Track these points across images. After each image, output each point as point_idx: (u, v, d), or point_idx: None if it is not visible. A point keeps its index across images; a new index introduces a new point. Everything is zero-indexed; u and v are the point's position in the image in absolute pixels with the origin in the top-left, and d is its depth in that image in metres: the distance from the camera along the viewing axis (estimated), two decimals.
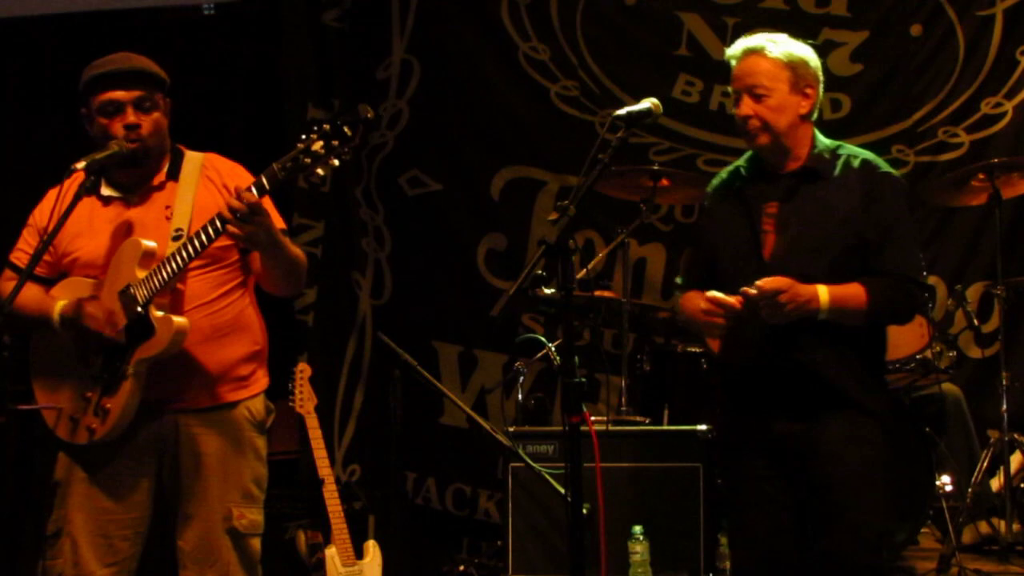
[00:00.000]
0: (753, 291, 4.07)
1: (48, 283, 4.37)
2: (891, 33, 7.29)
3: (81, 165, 4.09)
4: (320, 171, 3.94)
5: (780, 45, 4.34)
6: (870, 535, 4.20)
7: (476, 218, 7.80)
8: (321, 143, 3.91)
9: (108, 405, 4.17)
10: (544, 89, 7.71)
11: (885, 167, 4.36)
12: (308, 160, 3.92)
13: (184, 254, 4.09)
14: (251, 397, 4.45)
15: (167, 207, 4.30)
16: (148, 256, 4.18)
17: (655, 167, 6.48)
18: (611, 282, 7.13)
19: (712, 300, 4.16)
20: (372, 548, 5.87)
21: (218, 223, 4.03)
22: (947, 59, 7.23)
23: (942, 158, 7.21)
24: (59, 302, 4.25)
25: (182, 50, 7.47)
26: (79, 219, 4.27)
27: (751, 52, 4.34)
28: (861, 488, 4.18)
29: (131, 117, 4.23)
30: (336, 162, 3.94)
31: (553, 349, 5.88)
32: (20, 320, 4.26)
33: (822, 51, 4.53)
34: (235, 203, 3.95)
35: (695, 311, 4.35)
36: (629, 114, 4.01)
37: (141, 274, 4.14)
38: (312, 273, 7.50)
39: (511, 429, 5.85)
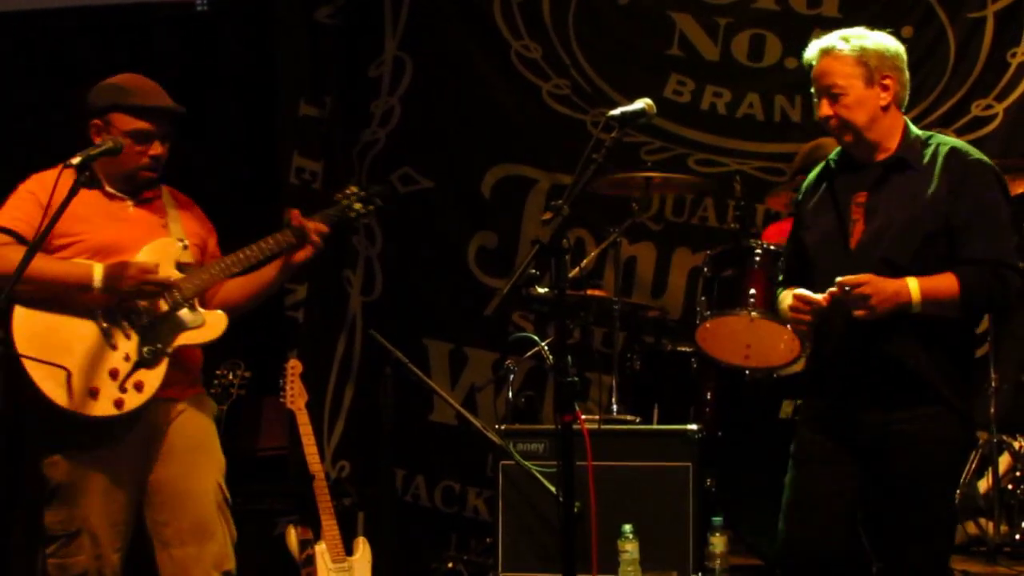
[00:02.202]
0: (835, 289, 4.05)
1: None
2: None
3: (76, 161, 4.18)
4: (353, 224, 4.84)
5: (853, 40, 4.32)
6: (941, 544, 4.24)
7: (467, 216, 7.81)
8: (360, 204, 4.88)
9: (143, 381, 4.38)
10: (536, 87, 7.72)
11: (976, 154, 4.29)
12: (352, 215, 4.87)
13: (241, 263, 4.60)
14: (206, 393, 4.84)
15: (163, 218, 4.65)
16: (181, 258, 4.57)
17: (647, 166, 6.49)
18: (601, 281, 7.13)
19: (799, 298, 4.16)
20: (362, 544, 5.87)
21: (274, 244, 4.65)
22: (938, 61, 7.23)
23: None
24: (99, 264, 4.40)
25: (175, 45, 7.46)
26: (84, 204, 4.44)
27: (824, 53, 4.33)
28: (940, 496, 4.20)
29: (159, 150, 4.59)
30: (367, 220, 4.83)
31: (545, 348, 5.89)
32: (39, 286, 4.31)
33: None
34: (324, 228, 4.70)
35: (784, 309, 4.37)
36: (623, 114, 4.02)
37: (175, 271, 4.50)
38: (302, 270, 7.54)
39: (502, 427, 5.87)
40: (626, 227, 6.45)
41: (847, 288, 4.04)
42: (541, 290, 6.02)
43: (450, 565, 6.76)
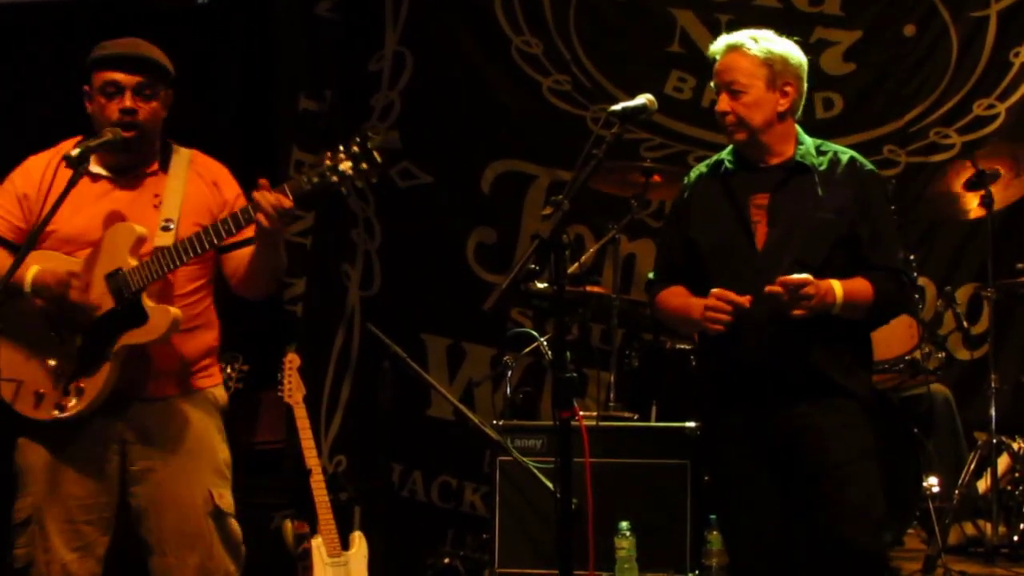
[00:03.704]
0: (778, 289, 4.06)
1: (15, 250, 4.28)
2: (884, 33, 7.30)
3: (75, 152, 4.10)
4: (343, 190, 3.96)
5: (761, 42, 4.37)
6: (870, 520, 4.25)
7: (466, 211, 7.79)
8: (349, 164, 3.98)
9: (84, 385, 4.19)
10: (536, 83, 7.71)
11: (869, 165, 4.42)
12: (335, 179, 3.99)
13: (188, 247, 4.15)
14: (214, 386, 4.52)
15: (156, 196, 4.34)
16: (140, 242, 4.21)
17: (647, 163, 6.48)
18: (600, 277, 7.13)
19: (721, 297, 4.15)
20: (358, 539, 5.87)
21: (231, 224, 4.12)
22: (940, 60, 7.24)
23: (933, 159, 7.22)
24: (32, 267, 4.20)
25: (174, 39, 7.43)
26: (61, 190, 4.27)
27: (731, 49, 4.39)
28: (858, 474, 4.22)
29: (128, 102, 4.26)
30: (361, 184, 3.96)
31: (544, 343, 5.88)
32: None
33: (815, 50, 4.60)
34: (285, 202, 4.03)
35: (685, 307, 4.37)
36: (624, 110, 4.01)
37: (132, 260, 4.17)
38: (301, 263, 7.52)
39: (499, 423, 5.86)
40: (625, 224, 6.45)
41: (793, 287, 4.05)
42: (540, 285, 6.02)
43: (446, 560, 6.74)
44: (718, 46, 4.43)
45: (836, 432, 4.21)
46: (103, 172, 4.36)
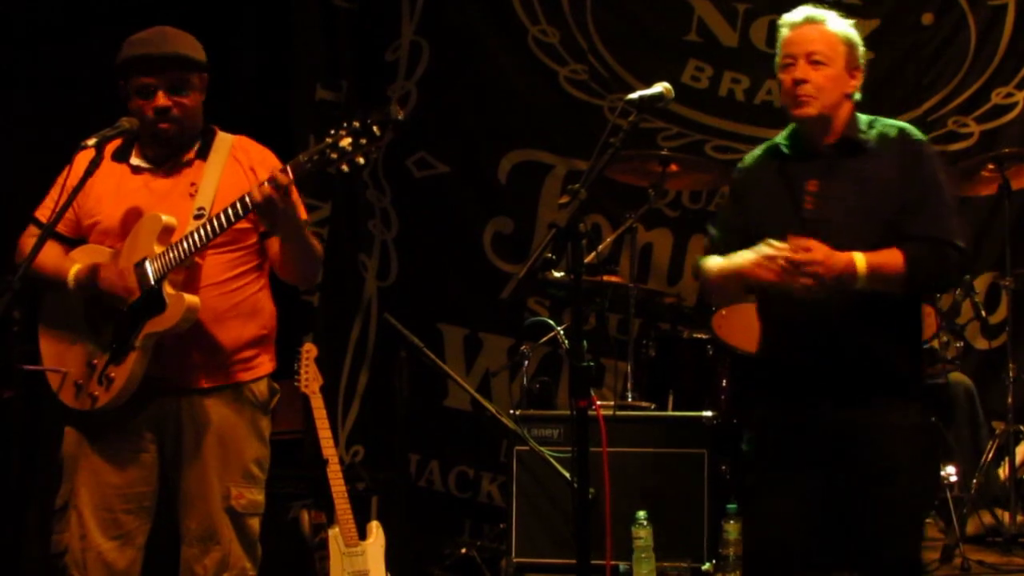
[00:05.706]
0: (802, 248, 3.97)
1: (70, 243, 4.39)
2: (902, 22, 7.28)
3: (92, 142, 4.13)
4: (345, 167, 3.98)
5: (840, 22, 4.31)
6: (919, 528, 4.21)
7: (483, 201, 7.81)
8: (349, 140, 3.95)
9: (113, 374, 4.20)
10: (553, 72, 7.71)
11: (919, 135, 4.31)
12: (335, 155, 3.96)
13: (203, 233, 4.13)
14: (255, 380, 4.48)
15: (192, 184, 4.33)
16: (167, 231, 4.21)
17: (664, 152, 6.47)
18: (617, 267, 7.12)
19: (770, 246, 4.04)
20: (375, 529, 5.86)
21: (239, 206, 4.09)
22: (958, 49, 7.22)
23: (952, 148, 7.19)
24: (75, 265, 4.28)
25: (191, 29, 7.44)
26: (106, 184, 4.33)
27: (811, 21, 4.29)
28: (915, 479, 4.17)
29: (161, 101, 4.27)
30: (362, 160, 3.98)
31: (561, 333, 5.88)
32: (38, 278, 4.28)
33: None
34: (266, 188, 4.01)
35: (728, 262, 4.22)
36: (641, 98, 3.97)
37: (158, 249, 4.18)
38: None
39: (516, 412, 5.86)
40: (642, 213, 6.44)
41: (800, 247, 3.97)
42: (557, 275, 6.03)
43: (463, 550, 6.74)
44: (794, 17, 4.32)
45: (893, 432, 4.11)
46: (143, 164, 4.39)
